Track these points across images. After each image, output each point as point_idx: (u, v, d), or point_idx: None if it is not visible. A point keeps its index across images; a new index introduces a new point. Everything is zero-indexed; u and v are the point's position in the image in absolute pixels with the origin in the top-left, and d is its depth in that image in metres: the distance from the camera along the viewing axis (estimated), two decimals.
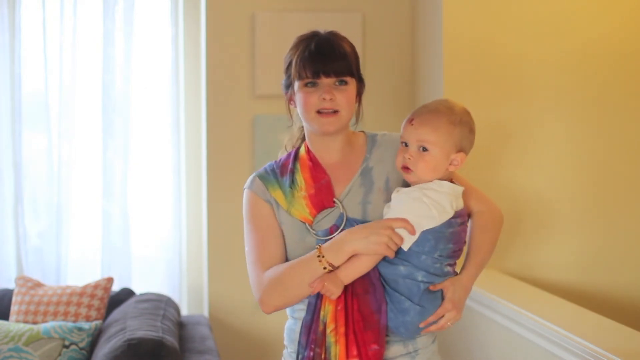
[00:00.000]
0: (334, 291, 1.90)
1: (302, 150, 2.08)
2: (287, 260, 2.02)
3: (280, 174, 2.06)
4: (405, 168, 1.97)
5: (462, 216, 1.99)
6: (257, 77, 4.01)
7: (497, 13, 3.62)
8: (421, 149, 1.95)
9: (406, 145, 1.98)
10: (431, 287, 1.93)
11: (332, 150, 2.05)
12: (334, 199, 2.01)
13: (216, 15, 3.99)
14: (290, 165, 2.06)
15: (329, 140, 2.04)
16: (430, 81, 3.80)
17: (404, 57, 4.08)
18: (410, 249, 1.92)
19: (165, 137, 4.20)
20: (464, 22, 3.61)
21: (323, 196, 2.01)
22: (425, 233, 1.91)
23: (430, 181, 1.96)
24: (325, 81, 1.97)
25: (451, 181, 2.00)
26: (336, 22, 3.91)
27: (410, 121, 1.98)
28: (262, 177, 2.07)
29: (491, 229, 2.10)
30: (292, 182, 2.04)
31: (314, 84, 1.98)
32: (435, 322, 1.95)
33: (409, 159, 1.96)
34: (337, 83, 1.97)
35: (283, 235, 2.03)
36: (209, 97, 4.01)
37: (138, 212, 4.22)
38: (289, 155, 2.11)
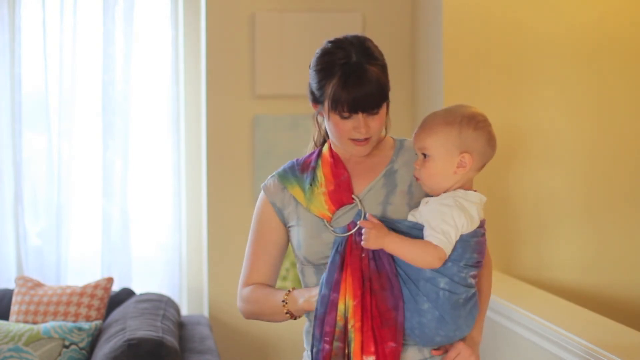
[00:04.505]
0: (369, 237, 1.89)
1: (325, 147, 2.08)
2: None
3: (300, 170, 2.07)
4: (417, 178, 1.97)
5: (484, 227, 1.97)
6: (257, 77, 4.00)
7: (497, 14, 3.62)
8: (423, 155, 1.94)
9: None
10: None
11: None
12: (353, 196, 2.00)
13: (216, 15, 4.00)
14: (312, 163, 2.07)
15: None
16: (430, 81, 3.80)
17: (404, 57, 4.08)
18: None
19: (165, 137, 4.20)
20: (464, 23, 3.60)
21: (342, 193, 2.00)
22: None
23: (448, 189, 1.93)
24: (361, 115, 1.94)
25: (474, 191, 1.97)
26: (336, 22, 3.91)
27: (415, 131, 1.98)
28: (281, 176, 2.08)
29: (489, 276, 2.11)
30: (313, 178, 2.04)
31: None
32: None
33: (415, 167, 1.96)
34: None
35: (281, 245, 2.08)
36: (209, 97, 4.01)
37: (138, 212, 4.21)
38: (312, 153, 2.11)
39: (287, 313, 2.02)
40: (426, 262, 1.88)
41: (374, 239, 1.89)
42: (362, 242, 1.90)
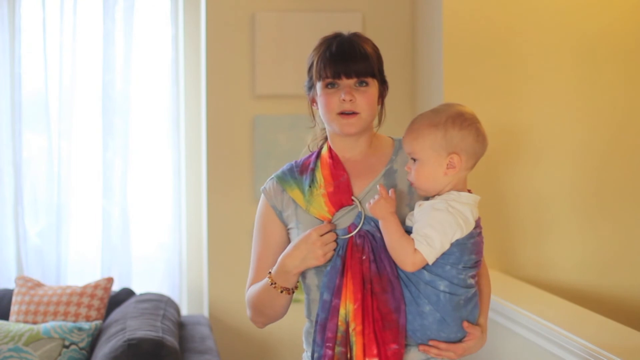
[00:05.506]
0: (377, 205, 1.91)
1: (324, 149, 2.08)
2: None
3: (299, 172, 2.06)
4: (410, 182, 1.96)
5: (479, 226, 1.96)
6: (257, 77, 4.00)
7: (498, 13, 3.62)
8: (413, 160, 1.94)
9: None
10: (464, 326, 1.92)
11: (354, 149, 2.05)
12: (353, 197, 2.00)
13: (216, 15, 3.99)
14: (311, 164, 2.06)
15: (351, 141, 2.04)
16: (430, 81, 3.80)
17: (404, 57, 4.08)
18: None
19: (165, 137, 4.20)
20: (464, 22, 3.61)
21: (342, 194, 2.00)
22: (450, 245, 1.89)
23: (441, 191, 1.92)
24: (346, 82, 1.96)
25: (468, 190, 1.97)
26: (336, 22, 3.91)
27: (404, 135, 1.98)
28: (280, 178, 2.08)
29: (487, 275, 2.11)
30: (312, 180, 2.03)
31: (334, 85, 1.97)
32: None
33: (407, 171, 1.96)
34: (357, 84, 1.96)
35: (285, 247, 2.04)
36: (209, 97, 4.01)
37: (138, 212, 4.22)
38: (311, 154, 2.11)
39: (277, 288, 1.98)
40: (400, 260, 1.89)
41: (379, 208, 1.91)
42: (367, 204, 1.93)
